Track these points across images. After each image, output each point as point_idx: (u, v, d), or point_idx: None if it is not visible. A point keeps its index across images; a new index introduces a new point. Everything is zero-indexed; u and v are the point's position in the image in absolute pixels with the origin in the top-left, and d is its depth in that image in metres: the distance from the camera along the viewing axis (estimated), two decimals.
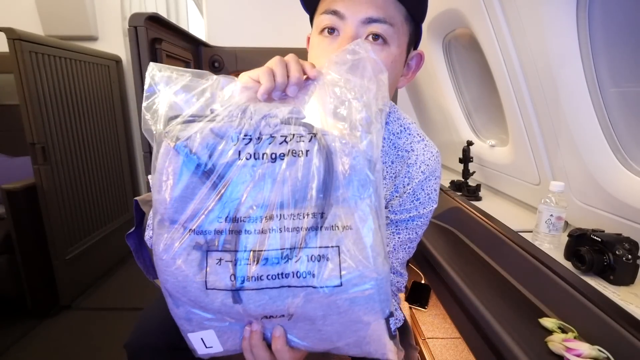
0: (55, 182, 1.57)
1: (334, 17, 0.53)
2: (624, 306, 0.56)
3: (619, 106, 0.75)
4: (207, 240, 0.38)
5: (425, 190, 0.67)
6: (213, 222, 0.38)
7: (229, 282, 0.37)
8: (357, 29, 0.53)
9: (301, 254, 0.37)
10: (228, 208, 0.38)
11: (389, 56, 0.55)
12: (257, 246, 0.37)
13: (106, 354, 1.37)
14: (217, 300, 0.38)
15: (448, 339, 1.21)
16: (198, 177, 0.38)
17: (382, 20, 0.52)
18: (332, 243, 0.37)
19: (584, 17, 0.72)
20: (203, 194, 0.38)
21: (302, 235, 0.37)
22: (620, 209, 0.75)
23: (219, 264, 0.38)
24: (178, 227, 0.38)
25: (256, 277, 0.37)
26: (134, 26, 1.18)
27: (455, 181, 1.28)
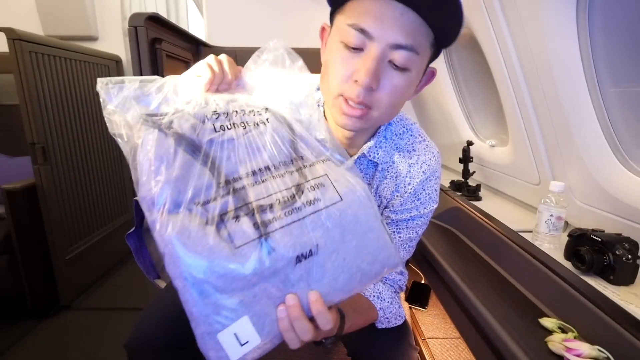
0: (55, 182, 1.57)
1: (362, 35, 0.51)
2: (624, 306, 0.56)
3: (619, 106, 0.75)
4: (218, 210, 0.40)
5: (426, 190, 0.68)
6: (217, 190, 0.41)
7: (255, 232, 0.39)
8: (383, 51, 0.51)
9: (304, 187, 0.44)
10: (223, 176, 0.42)
11: (408, 80, 0.54)
12: (266, 193, 0.42)
13: (106, 354, 1.37)
14: (250, 258, 0.38)
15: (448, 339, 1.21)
16: (190, 155, 0.41)
17: (409, 48, 0.51)
18: (321, 173, 0.47)
19: (584, 17, 0.72)
20: (197, 169, 0.41)
21: (297, 175, 0.45)
22: (620, 209, 0.75)
23: (237, 221, 0.39)
24: (184, 210, 0.39)
25: (277, 217, 0.41)
26: (134, 26, 1.18)
27: (455, 181, 1.28)
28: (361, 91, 0.52)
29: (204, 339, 0.39)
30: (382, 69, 0.52)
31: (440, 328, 1.26)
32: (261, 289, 0.40)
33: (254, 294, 0.39)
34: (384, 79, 0.53)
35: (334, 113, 0.58)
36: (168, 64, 1.31)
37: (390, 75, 0.53)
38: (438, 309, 1.36)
